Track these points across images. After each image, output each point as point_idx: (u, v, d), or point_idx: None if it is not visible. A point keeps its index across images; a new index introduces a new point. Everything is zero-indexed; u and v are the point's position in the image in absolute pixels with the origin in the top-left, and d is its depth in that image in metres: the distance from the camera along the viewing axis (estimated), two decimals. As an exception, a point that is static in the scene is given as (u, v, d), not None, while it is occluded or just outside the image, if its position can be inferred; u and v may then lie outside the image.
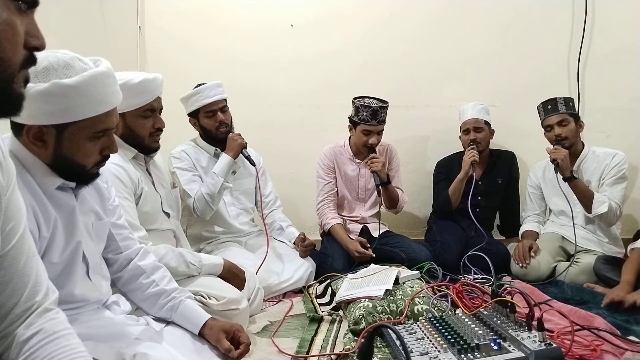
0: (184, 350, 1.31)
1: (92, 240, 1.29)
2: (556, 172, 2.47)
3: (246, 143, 2.44)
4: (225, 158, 2.37)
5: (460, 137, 2.92)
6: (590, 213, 2.47)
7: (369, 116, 2.62)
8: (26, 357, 0.84)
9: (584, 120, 2.65)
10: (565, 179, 2.46)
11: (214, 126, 2.40)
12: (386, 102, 2.67)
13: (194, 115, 2.43)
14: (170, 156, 2.42)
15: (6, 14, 0.65)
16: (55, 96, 1.04)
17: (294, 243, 2.54)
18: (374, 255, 2.54)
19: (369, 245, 2.60)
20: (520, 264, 2.49)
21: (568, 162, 2.45)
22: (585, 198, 2.46)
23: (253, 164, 2.46)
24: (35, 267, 0.89)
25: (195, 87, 2.40)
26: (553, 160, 2.46)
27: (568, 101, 2.58)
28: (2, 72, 0.67)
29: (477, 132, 2.80)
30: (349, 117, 2.75)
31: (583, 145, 2.62)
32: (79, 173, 1.17)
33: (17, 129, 1.10)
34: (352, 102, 2.71)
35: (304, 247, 2.48)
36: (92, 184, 1.26)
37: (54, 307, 0.91)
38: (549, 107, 2.58)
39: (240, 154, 2.42)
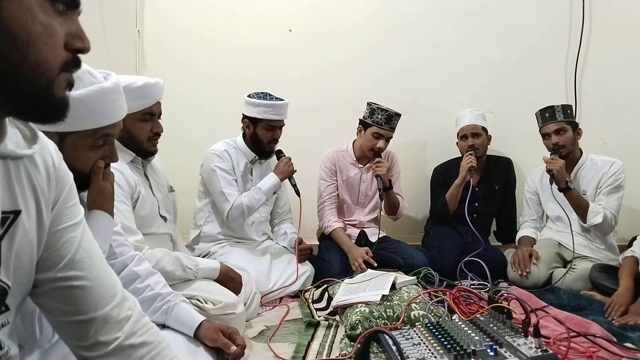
0: (178, 353, 1.30)
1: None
2: (551, 183, 2.45)
3: (295, 170, 2.51)
4: (274, 178, 2.46)
5: (457, 143, 2.92)
6: (585, 223, 2.47)
7: (383, 120, 2.65)
8: None
9: (581, 127, 2.64)
10: (560, 190, 2.44)
11: (267, 139, 2.44)
12: (400, 114, 2.69)
13: (251, 120, 2.43)
14: (213, 153, 2.42)
15: (42, 16, 0.63)
16: None
17: (293, 247, 2.54)
18: (375, 264, 2.49)
19: (375, 264, 2.49)
20: (520, 272, 2.47)
21: (564, 172, 2.43)
22: (580, 208, 2.46)
23: (298, 194, 2.52)
24: (112, 271, 0.89)
25: (262, 96, 2.39)
26: (549, 171, 2.44)
27: (566, 109, 2.56)
28: (40, 75, 0.64)
29: (475, 137, 2.81)
30: (360, 119, 2.76)
31: (581, 152, 2.61)
32: (77, 180, 1.16)
33: None
34: (368, 104, 2.72)
35: (300, 251, 2.46)
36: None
37: (145, 314, 0.92)
38: (547, 115, 2.56)
39: (287, 180, 2.51)
